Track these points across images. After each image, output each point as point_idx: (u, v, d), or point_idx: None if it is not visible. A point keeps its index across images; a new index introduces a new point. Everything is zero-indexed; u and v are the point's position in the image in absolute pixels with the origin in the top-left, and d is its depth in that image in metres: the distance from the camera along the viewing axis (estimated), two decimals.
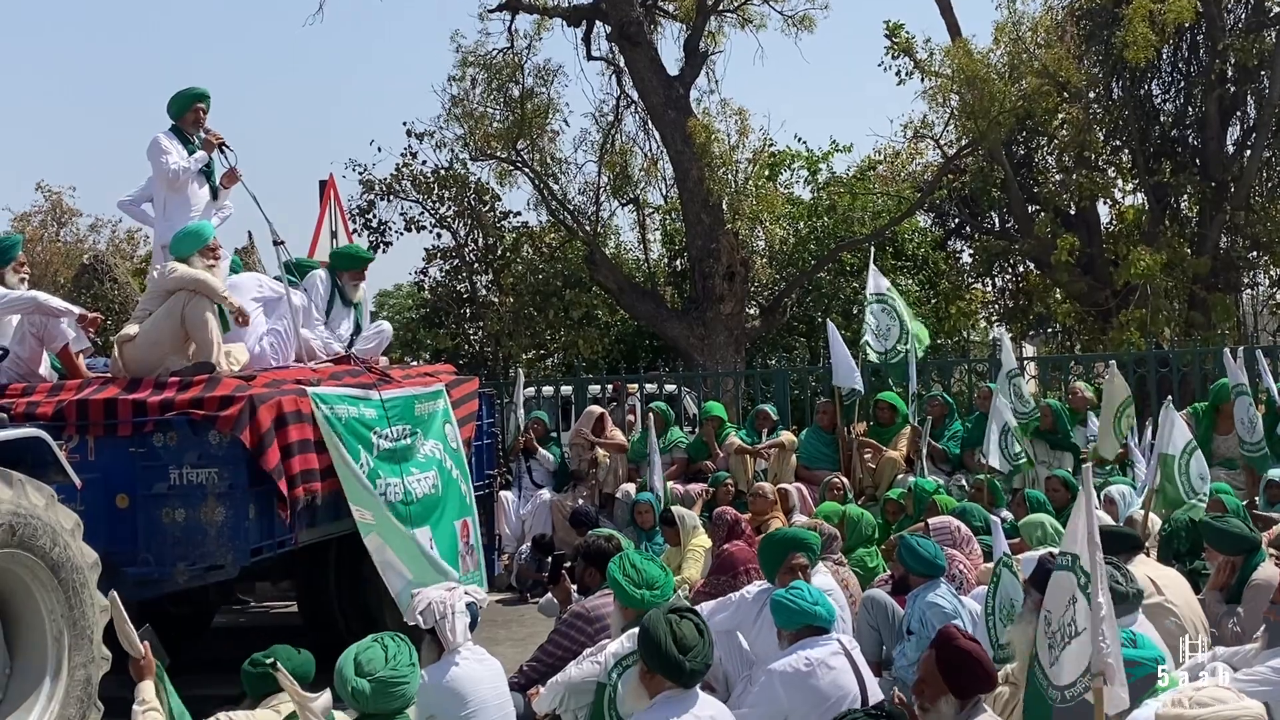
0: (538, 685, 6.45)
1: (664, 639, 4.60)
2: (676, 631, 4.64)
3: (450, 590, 5.77)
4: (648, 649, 4.64)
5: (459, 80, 19.74)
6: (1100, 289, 19.52)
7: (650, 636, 4.64)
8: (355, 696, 4.31)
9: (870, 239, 19.60)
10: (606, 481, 12.29)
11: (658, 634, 4.62)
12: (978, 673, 4.49)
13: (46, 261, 26.76)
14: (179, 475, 7.06)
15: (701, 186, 17.47)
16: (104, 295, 13.67)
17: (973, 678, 4.47)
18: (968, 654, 4.48)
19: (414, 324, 22.53)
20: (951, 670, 4.45)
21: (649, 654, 4.63)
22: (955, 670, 4.44)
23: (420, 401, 8.79)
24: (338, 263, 9.67)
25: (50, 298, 8.17)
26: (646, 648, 4.65)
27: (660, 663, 4.60)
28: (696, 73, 18.64)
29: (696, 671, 4.67)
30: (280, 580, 10.30)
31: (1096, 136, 19.66)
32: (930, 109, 19.15)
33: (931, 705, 4.45)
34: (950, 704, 4.41)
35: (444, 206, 20.60)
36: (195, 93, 8.82)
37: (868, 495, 11.22)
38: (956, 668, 4.45)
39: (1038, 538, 7.47)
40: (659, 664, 4.61)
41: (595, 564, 6.96)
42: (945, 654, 4.47)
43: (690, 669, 4.62)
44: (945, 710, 4.42)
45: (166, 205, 8.73)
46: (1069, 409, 11.48)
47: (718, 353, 17.46)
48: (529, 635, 8.83)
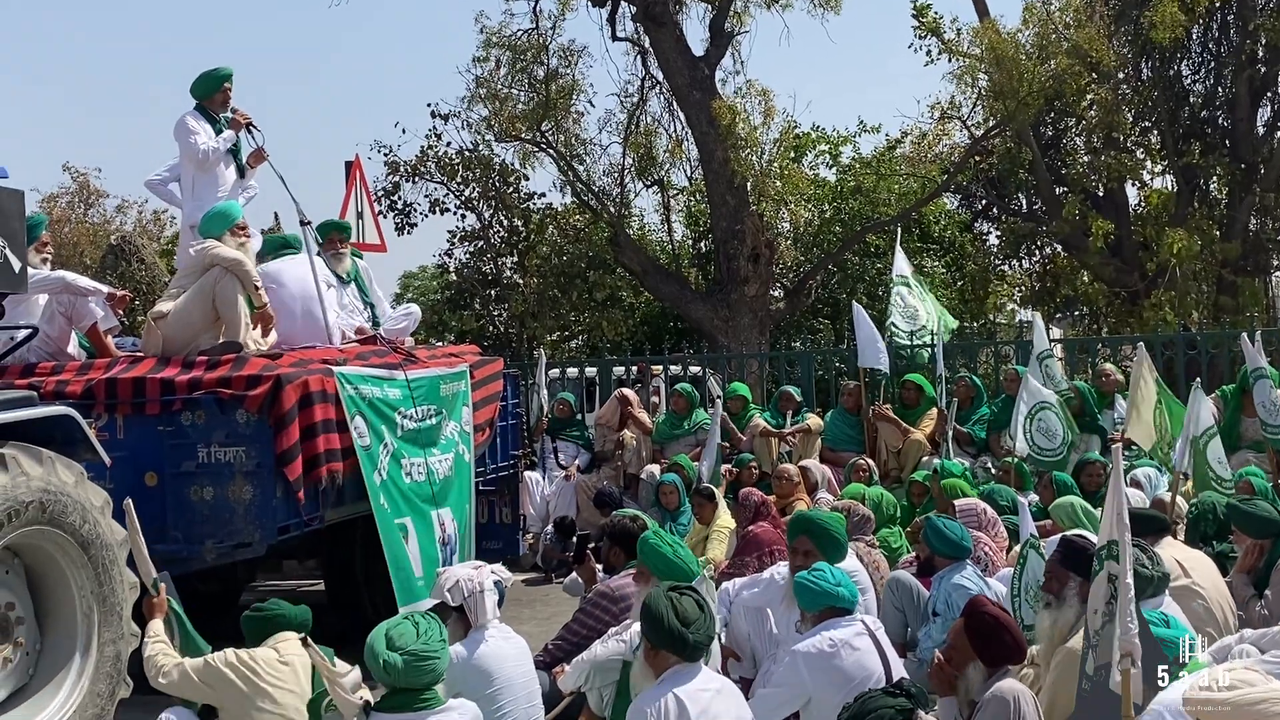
0: (563, 663, 6.47)
1: (665, 613, 4.64)
2: (677, 606, 4.67)
3: (477, 569, 5.79)
4: (651, 625, 4.67)
5: (483, 61, 19.72)
6: (1128, 271, 19.40)
7: (652, 612, 4.67)
8: (387, 670, 4.34)
9: (896, 220, 19.53)
10: (631, 463, 12.30)
11: (659, 609, 4.66)
12: (1006, 640, 4.53)
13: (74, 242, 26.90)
14: (207, 453, 7.11)
15: (726, 168, 17.42)
16: (131, 275, 13.73)
17: (1002, 645, 4.51)
18: (997, 621, 4.52)
19: (439, 306, 22.59)
20: (981, 637, 4.50)
21: (652, 630, 4.66)
22: (984, 637, 4.49)
23: (445, 382, 8.81)
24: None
25: (78, 277, 8.22)
26: (649, 623, 4.68)
27: (664, 637, 4.63)
28: (722, 53, 18.56)
29: (700, 644, 4.69)
30: (307, 559, 10.36)
31: (1125, 117, 19.51)
32: (958, 90, 19.06)
33: (960, 672, 4.50)
34: (978, 670, 4.49)
35: (469, 188, 20.62)
36: (223, 73, 8.84)
37: (893, 477, 11.19)
38: (986, 635, 4.51)
39: (1068, 519, 7.44)
40: (662, 639, 4.64)
41: (620, 543, 6.98)
42: (975, 621, 4.52)
43: (694, 641, 4.65)
44: (973, 676, 4.49)
45: (195, 185, 8.76)
46: (1097, 391, 11.42)
47: (742, 334, 17.44)
48: (554, 614, 8.86)
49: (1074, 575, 5.06)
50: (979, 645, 4.48)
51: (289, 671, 5.04)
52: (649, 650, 4.70)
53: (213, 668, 5.09)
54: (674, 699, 4.51)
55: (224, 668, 5.04)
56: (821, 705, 5.09)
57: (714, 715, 4.55)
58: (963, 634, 4.53)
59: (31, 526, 5.48)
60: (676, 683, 4.59)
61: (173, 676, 5.15)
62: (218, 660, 5.10)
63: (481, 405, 9.47)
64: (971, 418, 11.52)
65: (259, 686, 4.96)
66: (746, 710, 4.83)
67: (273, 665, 5.04)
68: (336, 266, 9.44)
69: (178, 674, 5.16)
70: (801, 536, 6.26)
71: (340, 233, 9.76)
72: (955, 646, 4.55)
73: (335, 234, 9.63)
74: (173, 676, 5.15)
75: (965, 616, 4.58)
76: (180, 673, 5.15)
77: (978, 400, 11.77)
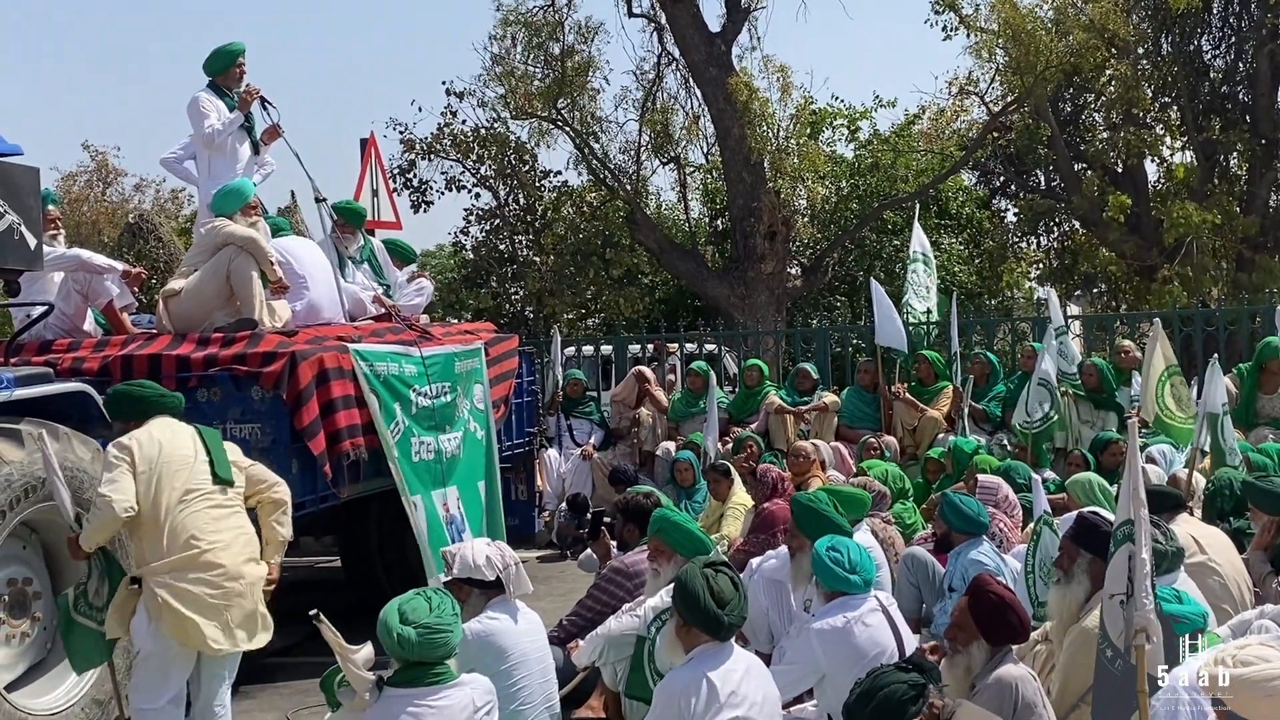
0: (577, 639, 6.50)
1: (702, 593, 4.61)
2: (713, 585, 4.64)
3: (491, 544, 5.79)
4: (685, 603, 4.65)
5: (500, 39, 19.69)
6: (1147, 248, 19.29)
7: (688, 590, 4.64)
8: (400, 644, 4.35)
9: (914, 197, 19.44)
10: (647, 440, 12.30)
11: (695, 587, 4.63)
12: (1010, 620, 4.55)
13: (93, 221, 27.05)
14: (223, 430, 7.09)
15: (743, 145, 17.37)
16: (149, 254, 13.79)
17: (1005, 625, 4.54)
18: (1001, 600, 4.54)
19: (455, 284, 22.61)
20: (984, 616, 4.53)
21: (687, 608, 4.64)
22: (988, 616, 4.52)
23: (460, 359, 8.82)
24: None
25: (94, 255, 8.24)
26: (684, 601, 4.65)
27: (698, 617, 4.61)
28: (738, 29, 18.48)
29: (734, 625, 4.68)
30: (323, 536, 10.40)
31: (1145, 93, 19.37)
32: (975, 65, 18.94)
33: (963, 649, 4.55)
34: (981, 649, 4.52)
35: (484, 166, 20.61)
36: (236, 48, 8.79)
37: (909, 454, 11.17)
38: (989, 614, 4.52)
39: (1084, 495, 7.42)
40: (697, 618, 4.62)
41: (634, 520, 6.98)
42: (979, 600, 4.55)
43: (728, 623, 4.63)
44: (976, 654, 4.52)
45: (211, 164, 8.74)
46: (1114, 368, 11.36)
47: (759, 312, 17.41)
48: (569, 591, 8.88)
49: (1084, 551, 5.04)
50: (983, 625, 4.50)
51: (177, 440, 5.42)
52: (681, 626, 4.69)
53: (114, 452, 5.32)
54: (705, 680, 4.51)
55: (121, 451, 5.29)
56: (835, 681, 5.09)
57: (743, 695, 4.55)
58: (967, 612, 4.55)
59: (48, 502, 5.52)
60: (705, 662, 4.58)
61: (101, 499, 5.24)
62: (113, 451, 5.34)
63: (496, 382, 9.48)
64: (987, 395, 11.48)
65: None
66: (774, 689, 4.82)
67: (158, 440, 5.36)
68: (348, 247, 9.40)
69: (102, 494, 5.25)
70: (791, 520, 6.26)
71: (345, 217, 9.59)
72: (960, 625, 4.57)
73: (342, 218, 9.56)
74: (101, 499, 5.24)
75: (970, 595, 4.59)
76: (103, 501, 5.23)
77: (994, 377, 11.72)
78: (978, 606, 4.53)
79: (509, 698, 5.25)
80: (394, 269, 9.87)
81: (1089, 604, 4.99)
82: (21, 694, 5.53)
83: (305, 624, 4.54)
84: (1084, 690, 4.72)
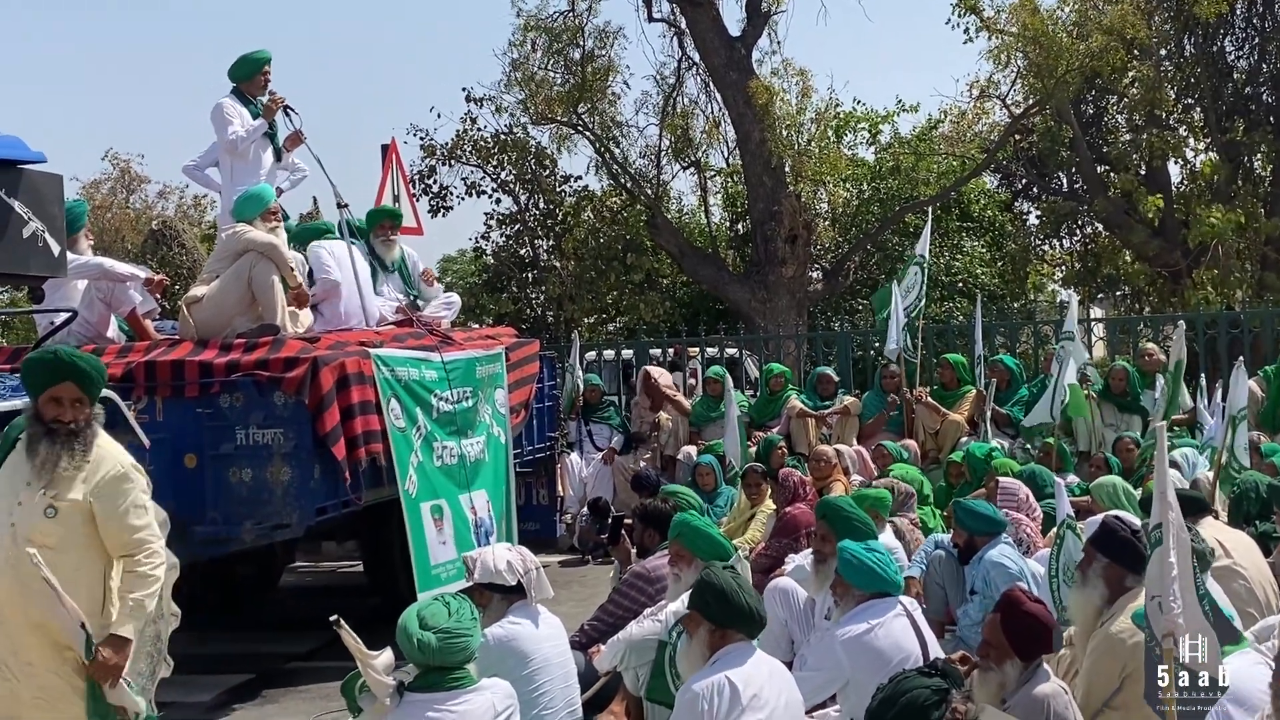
0: (599, 644, 6.49)
1: (736, 590, 4.62)
2: (740, 582, 4.67)
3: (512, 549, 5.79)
4: (717, 600, 4.61)
5: (519, 44, 19.71)
6: (1171, 250, 19.17)
7: (719, 590, 4.62)
8: (421, 649, 4.35)
9: (935, 200, 19.37)
10: (668, 444, 12.30)
11: (727, 586, 4.63)
12: (1042, 636, 4.51)
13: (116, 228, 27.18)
14: (245, 435, 7.17)
15: (763, 149, 17.35)
16: (172, 260, 13.90)
17: (1037, 641, 4.50)
18: (1034, 618, 4.52)
19: (476, 289, 22.64)
20: (1017, 634, 4.50)
21: (719, 605, 4.61)
22: (1021, 634, 4.50)
23: (481, 364, 8.83)
24: (367, 224, 9.65)
25: (116, 263, 8.30)
26: (716, 599, 4.62)
27: (734, 614, 4.60)
28: (759, 33, 18.46)
29: (763, 620, 4.71)
30: (345, 540, 10.43)
31: (1167, 94, 19.27)
32: (996, 68, 18.87)
33: (997, 666, 4.51)
34: (1015, 666, 4.49)
35: (504, 171, 20.64)
36: (262, 56, 8.86)
37: (930, 458, 11.13)
38: (1023, 632, 4.50)
39: (1108, 499, 7.38)
40: (732, 615, 4.60)
41: (654, 525, 6.96)
42: (1011, 619, 4.52)
43: (764, 618, 4.67)
44: (1010, 672, 4.50)
45: (234, 171, 8.80)
46: (1139, 371, 11.30)
47: (780, 316, 17.37)
48: (590, 595, 8.88)
49: (1100, 555, 5.02)
50: (1016, 642, 4.48)
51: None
52: (713, 631, 4.66)
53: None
54: (726, 681, 4.49)
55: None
56: (859, 686, 5.05)
57: (765, 699, 4.52)
58: (999, 630, 4.51)
59: None
60: (729, 664, 4.56)
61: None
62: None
63: (517, 387, 9.49)
64: (1011, 399, 11.43)
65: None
66: (797, 693, 4.80)
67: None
68: (386, 254, 9.44)
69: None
70: (819, 521, 6.22)
71: (391, 219, 9.73)
72: (992, 643, 4.53)
73: (387, 220, 9.63)
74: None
75: (1002, 613, 4.54)
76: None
77: (1016, 381, 11.68)
78: (1011, 624, 4.50)
79: (531, 703, 5.25)
80: (423, 280, 9.86)
81: (1112, 609, 4.96)
82: None
83: (327, 629, 4.54)
84: (1108, 695, 4.69)
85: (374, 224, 9.53)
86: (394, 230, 9.65)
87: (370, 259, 9.35)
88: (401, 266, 9.65)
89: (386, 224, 9.57)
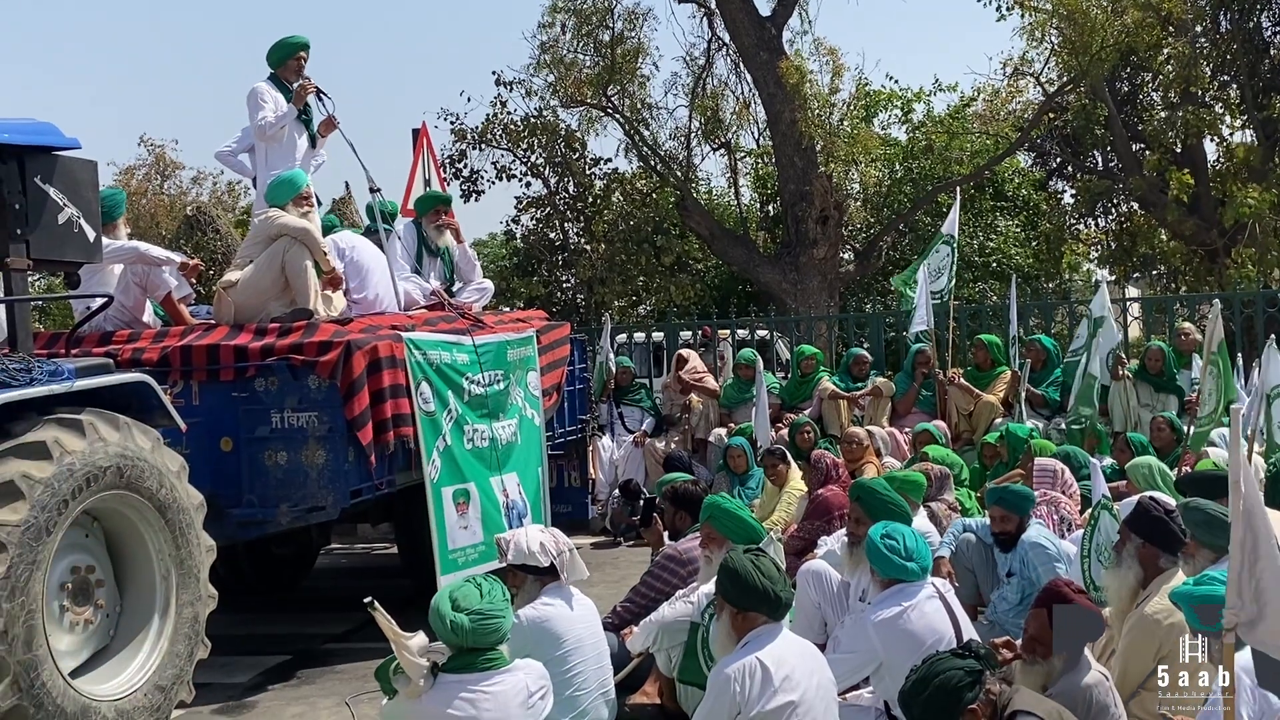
0: (631, 625, 6.51)
1: (753, 573, 4.63)
2: (760, 566, 4.67)
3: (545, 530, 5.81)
4: (737, 585, 4.64)
5: (549, 27, 19.70)
6: (1207, 229, 18.98)
7: (738, 574, 4.65)
8: (454, 630, 4.38)
9: (968, 179, 19.24)
10: (698, 427, 12.30)
11: (745, 570, 4.65)
12: (1088, 630, 4.52)
13: (151, 214, 27.34)
14: (280, 419, 7.21)
15: (794, 129, 17.27)
16: (206, 245, 13.97)
17: (1083, 635, 4.51)
18: (1081, 613, 4.51)
19: (507, 272, 22.69)
20: (1063, 631, 4.47)
21: (740, 590, 4.63)
22: (1068, 631, 4.47)
23: (512, 347, 8.85)
24: (418, 209, 9.65)
25: (151, 247, 8.35)
26: (736, 585, 4.65)
27: (753, 597, 4.62)
28: (789, 13, 18.36)
29: (787, 602, 4.71)
30: (380, 523, 10.48)
31: (1203, 71, 19.05)
32: (1029, 45, 18.70)
33: (1044, 660, 4.50)
34: (1061, 659, 4.48)
35: (534, 154, 20.65)
36: (298, 41, 8.86)
37: (964, 440, 11.08)
38: (1068, 629, 4.48)
39: (1144, 480, 7.32)
40: (752, 599, 4.62)
41: (685, 507, 6.97)
42: (1057, 615, 4.49)
43: (785, 599, 4.66)
44: (1056, 664, 4.49)
45: (268, 155, 8.82)
46: (1175, 351, 11.22)
47: (811, 297, 17.32)
48: (623, 577, 8.90)
49: (1134, 536, 4.98)
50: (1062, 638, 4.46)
51: None
52: (735, 615, 4.68)
53: None
54: (757, 662, 4.51)
55: None
56: (893, 668, 5.05)
57: (796, 680, 4.54)
58: (1047, 627, 4.48)
59: (110, 491, 5.60)
60: (759, 645, 4.58)
61: None
62: None
63: (548, 370, 9.50)
64: (1045, 380, 11.36)
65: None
66: (828, 672, 4.81)
67: None
68: (437, 239, 9.44)
69: None
70: (853, 503, 6.20)
71: (443, 204, 9.73)
72: (1039, 639, 4.50)
73: (440, 205, 9.64)
74: None
75: (1046, 608, 4.52)
76: None
77: (1052, 362, 11.60)
78: (1058, 620, 4.48)
79: (564, 683, 5.28)
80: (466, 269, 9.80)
81: (1147, 590, 4.93)
82: (86, 680, 5.61)
83: (362, 610, 4.57)
84: (1144, 676, 4.68)
85: (428, 209, 9.54)
86: (448, 214, 9.63)
87: (418, 243, 9.38)
88: (446, 254, 9.66)
89: (439, 208, 9.59)
